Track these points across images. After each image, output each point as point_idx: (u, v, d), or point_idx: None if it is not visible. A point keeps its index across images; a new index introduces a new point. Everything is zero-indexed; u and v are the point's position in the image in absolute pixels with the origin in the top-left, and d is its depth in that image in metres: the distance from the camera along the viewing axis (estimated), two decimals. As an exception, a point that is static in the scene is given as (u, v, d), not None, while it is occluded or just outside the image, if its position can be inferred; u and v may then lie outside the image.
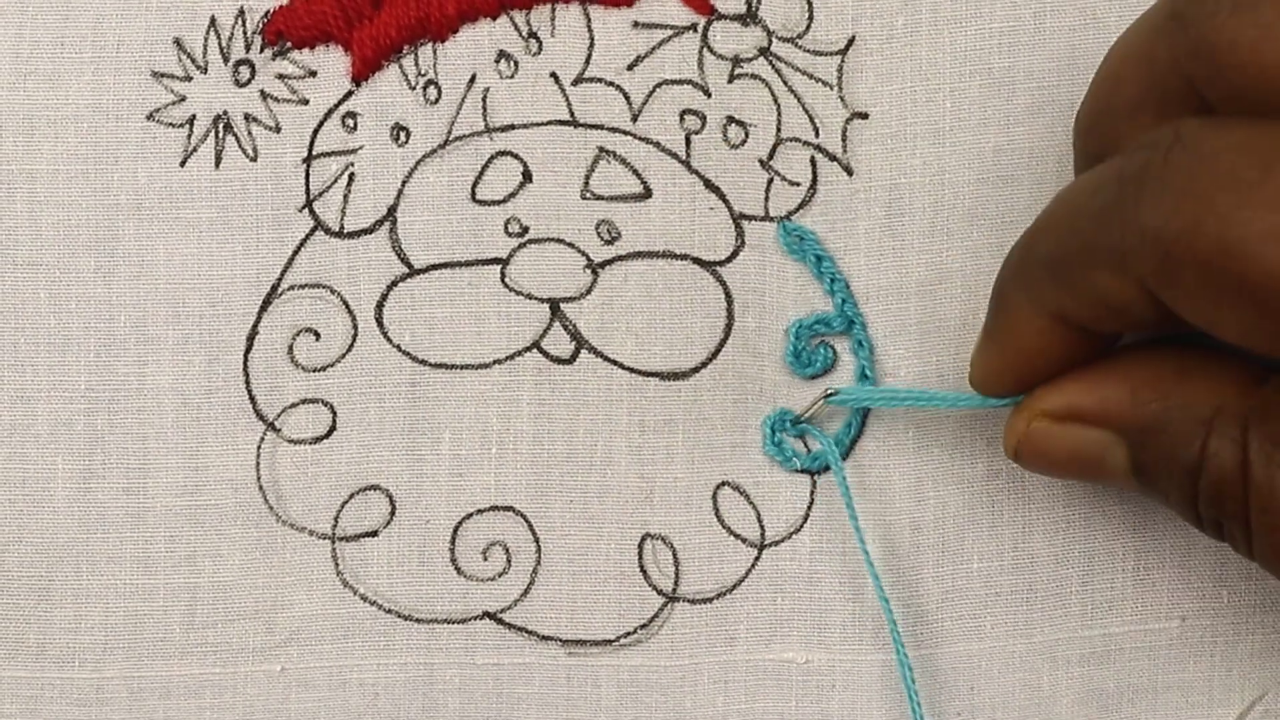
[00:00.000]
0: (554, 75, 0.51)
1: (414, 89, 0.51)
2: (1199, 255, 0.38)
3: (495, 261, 0.51)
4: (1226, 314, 0.38)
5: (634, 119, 0.51)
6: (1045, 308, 0.43)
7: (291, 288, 0.51)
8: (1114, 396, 0.43)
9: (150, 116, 0.51)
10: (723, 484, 0.51)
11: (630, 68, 0.51)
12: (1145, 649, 0.52)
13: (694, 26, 0.51)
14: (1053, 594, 0.51)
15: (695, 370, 0.51)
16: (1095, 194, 0.41)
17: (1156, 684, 0.52)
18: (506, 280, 0.51)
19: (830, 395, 0.50)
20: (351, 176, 0.51)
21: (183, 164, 0.51)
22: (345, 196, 0.51)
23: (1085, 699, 0.51)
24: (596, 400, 0.51)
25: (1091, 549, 0.51)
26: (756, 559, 0.51)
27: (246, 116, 0.51)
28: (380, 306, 0.51)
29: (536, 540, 0.51)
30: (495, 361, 0.51)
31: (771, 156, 0.51)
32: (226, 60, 0.51)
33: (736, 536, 0.51)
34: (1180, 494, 0.42)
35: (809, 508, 0.51)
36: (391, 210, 0.51)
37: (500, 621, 0.51)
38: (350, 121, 0.51)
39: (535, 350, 0.51)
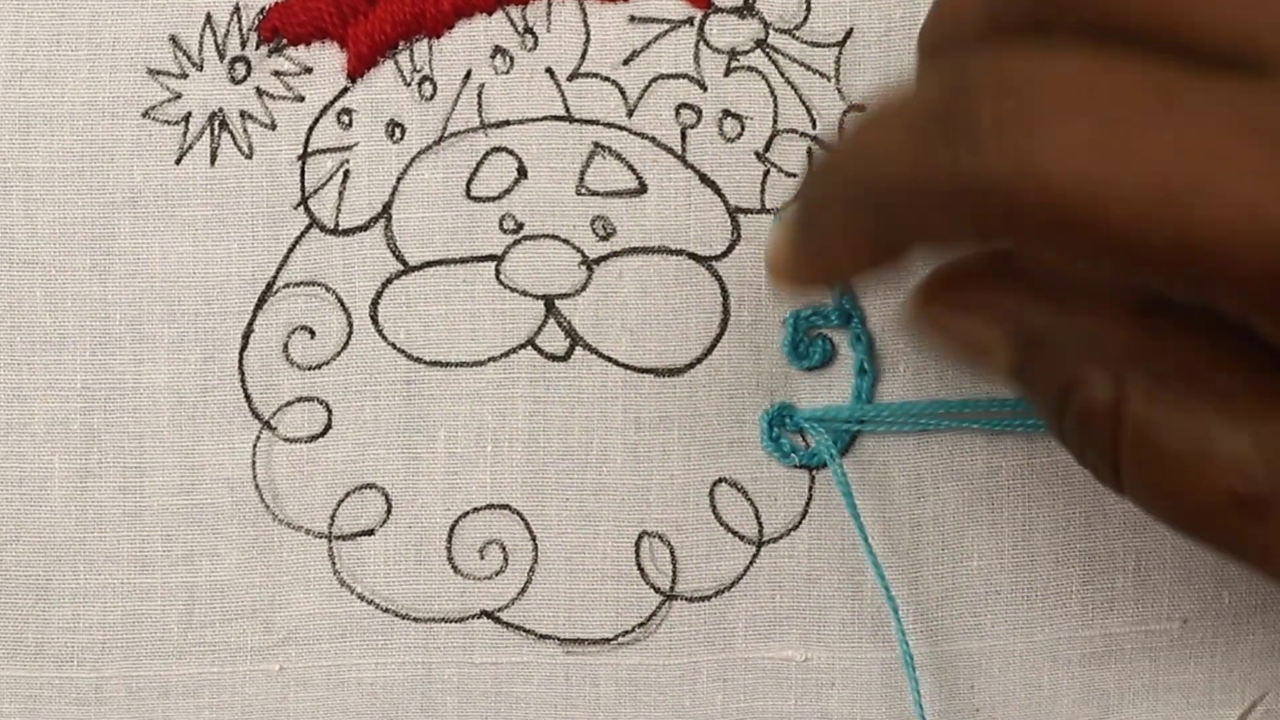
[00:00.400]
0: (549, 70, 0.51)
1: (409, 85, 0.51)
2: (1029, 197, 0.34)
3: (490, 258, 0.51)
4: (1079, 250, 0.36)
5: (629, 114, 0.51)
6: (863, 236, 0.39)
7: (287, 285, 0.51)
8: (1009, 301, 0.41)
9: (146, 114, 0.51)
10: (720, 480, 0.51)
11: (626, 62, 0.51)
12: (1146, 649, 0.51)
13: (690, 20, 0.51)
14: (1053, 593, 0.51)
15: (691, 366, 0.51)
16: (909, 131, 0.36)
17: (1157, 684, 0.51)
18: (501, 277, 0.51)
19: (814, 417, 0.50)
20: (346, 173, 0.51)
21: (178, 161, 0.51)
22: (340, 193, 0.51)
23: (1086, 699, 0.51)
24: (592, 397, 0.51)
25: (1092, 548, 0.51)
26: (755, 556, 0.51)
27: (242, 114, 0.51)
28: (375, 304, 0.51)
29: (533, 538, 0.51)
30: (490, 359, 0.51)
31: (768, 148, 0.51)
32: (222, 57, 0.51)
33: (734, 534, 0.51)
34: (1049, 410, 0.41)
35: (807, 504, 0.51)
36: (386, 207, 0.51)
37: (498, 620, 0.51)
38: (345, 118, 0.51)
39: (530, 347, 0.51)
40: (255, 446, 0.51)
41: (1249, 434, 0.36)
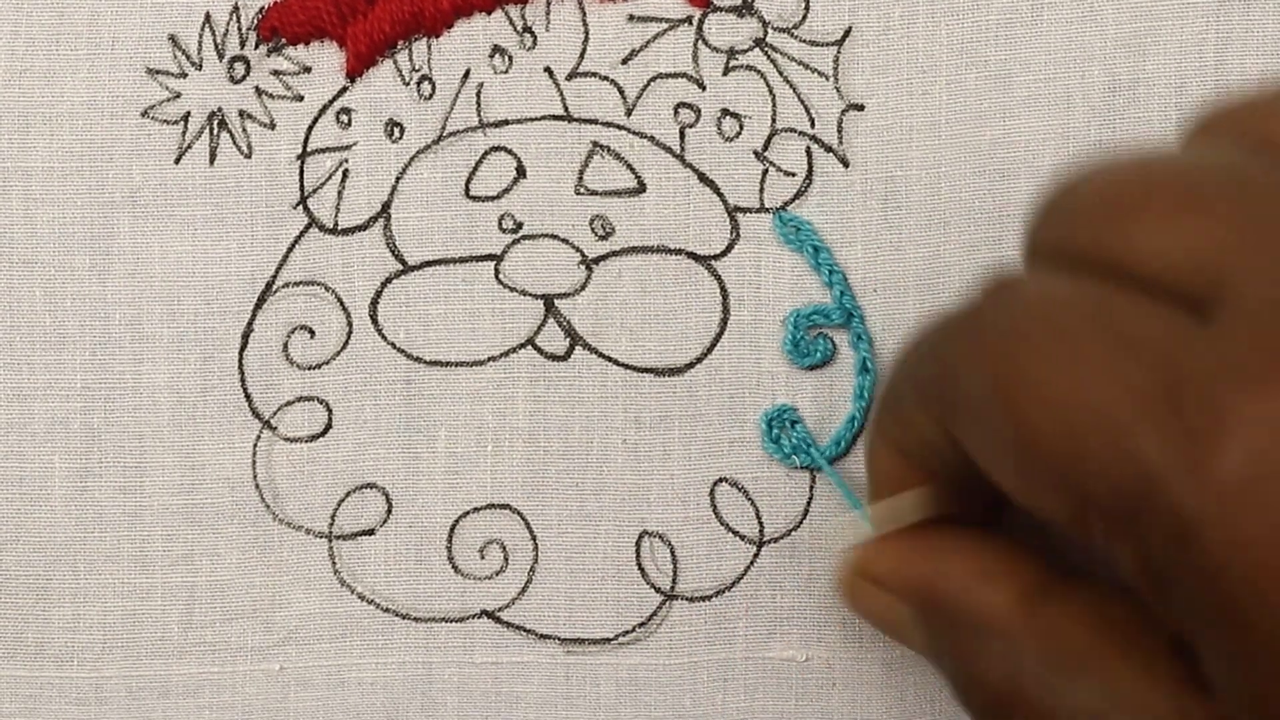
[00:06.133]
0: (548, 70, 0.51)
1: (408, 84, 0.51)
2: (971, 392, 0.37)
3: (489, 258, 0.51)
4: (996, 455, 0.37)
5: (628, 113, 0.51)
6: (887, 438, 0.43)
7: (286, 285, 0.51)
8: (916, 573, 0.42)
9: (145, 113, 0.51)
10: (720, 480, 0.51)
11: (625, 62, 0.51)
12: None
13: (689, 19, 0.51)
14: (1054, 592, 0.51)
15: (691, 365, 0.51)
16: (937, 332, 0.39)
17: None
18: (500, 277, 0.51)
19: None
20: (345, 173, 0.51)
21: (177, 161, 0.51)
22: (339, 193, 0.51)
23: (1086, 698, 0.51)
24: (592, 397, 0.51)
25: (1093, 546, 0.51)
26: (755, 556, 0.51)
27: (241, 113, 0.51)
28: (375, 303, 0.51)
29: (534, 538, 0.51)
30: (490, 359, 0.51)
31: (766, 147, 0.51)
32: (221, 57, 0.51)
33: (735, 533, 0.51)
34: (955, 686, 0.42)
35: (808, 504, 0.51)
36: (385, 207, 0.51)
37: (498, 620, 0.51)
38: (344, 118, 0.51)
39: (530, 347, 0.51)
40: (255, 446, 0.51)
41: (1131, 708, 0.37)
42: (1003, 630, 0.40)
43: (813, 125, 0.51)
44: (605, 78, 0.51)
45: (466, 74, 0.51)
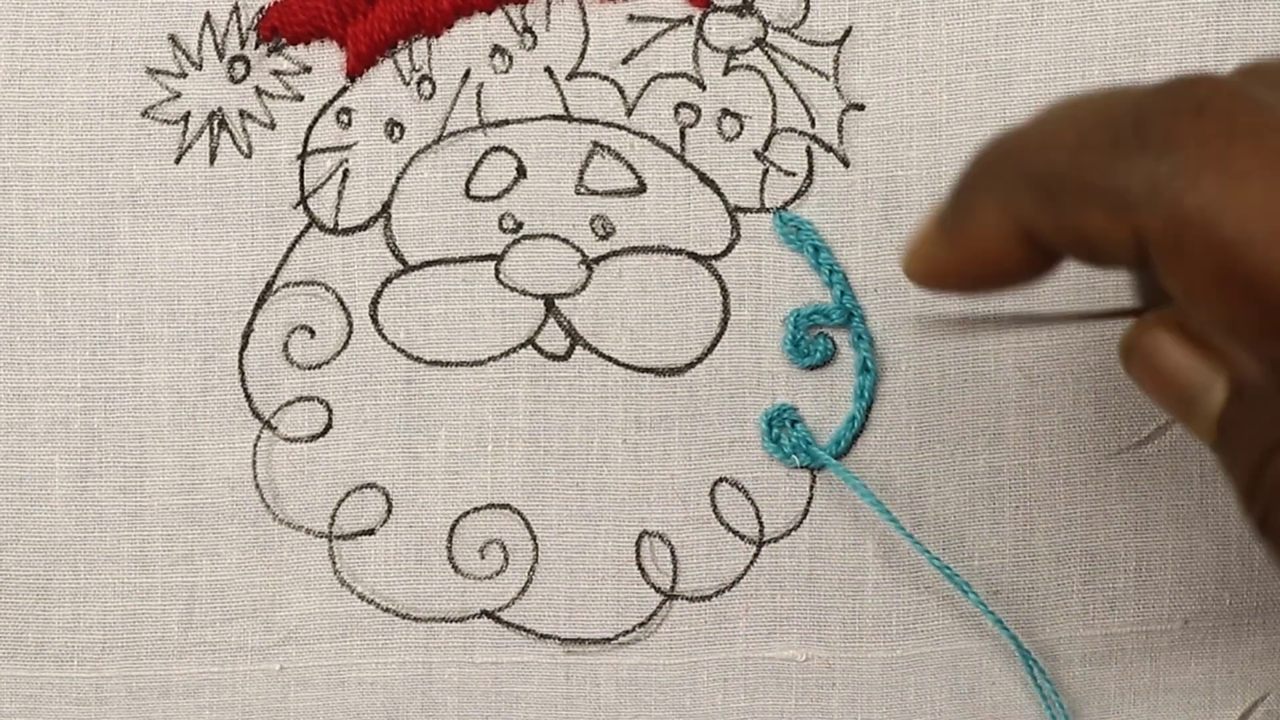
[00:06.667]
0: (548, 70, 0.51)
1: (408, 84, 0.51)
2: (1213, 236, 0.35)
3: (490, 258, 0.51)
4: (1217, 301, 0.37)
5: (628, 113, 0.51)
6: (1020, 222, 0.38)
7: (286, 285, 0.51)
8: (1231, 347, 0.39)
9: (145, 113, 0.51)
10: (721, 480, 0.51)
11: (625, 62, 0.51)
12: (1147, 650, 0.51)
13: (689, 19, 0.51)
14: (1054, 593, 0.51)
15: (691, 365, 0.51)
16: (1106, 125, 0.37)
17: (1158, 685, 0.51)
18: (501, 276, 0.51)
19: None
20: (346, 173, 0.51)
21: (178, 161, 0.51)
22: (339, 193, 0.51)
23: (1086, 699, 0.51)
24: (592, 397, 0.51)
25: (1093, 548, 0.51)
26: (755, 556, 0.51)
27: (241, 113, 0.51)
28: (375, 303, 0.51)
29: (534, 538, 0.51)
30: (490, 358, 0.51)
31: (767, 147, 0.51)
32: (221, 57, 0.51)
33: (735, 533, 0.51)
34: (1247, 469, 0.40)
35: (808, 504, 0.51)
36: (386, 206, 0.51)
37: (498, 620, 0.51)
38: (345, 117, 0.51)
39: (530, 347, 0.51)
40: (255, 446, 0.51)
41: None
42: None
43: (813, 125, 0.51)
44: (605, 78, 0.51)
45: (467, 74, 0.51)
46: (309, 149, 0.51)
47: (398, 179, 0.51)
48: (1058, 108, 0.39)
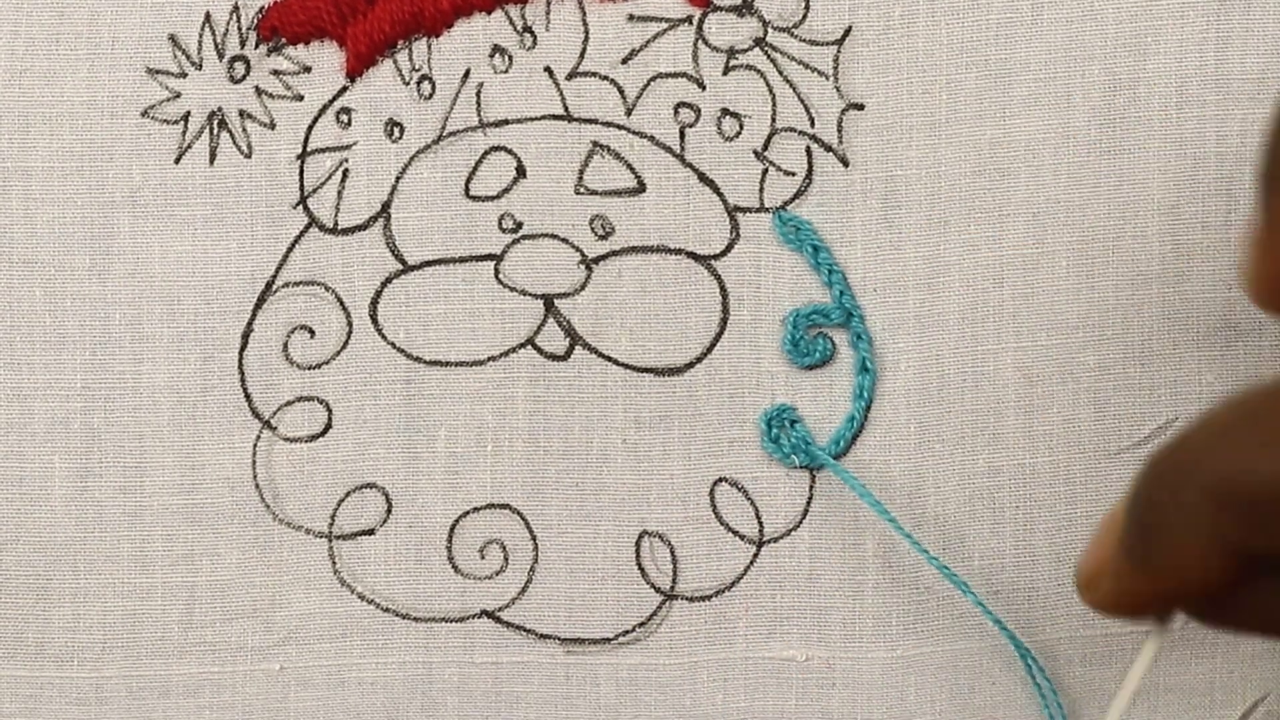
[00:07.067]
0: (548, 69, 0.51)
1: (408, 84, 0.51)
2: None
3: (489, 258, 0.51)
4: None
5: (628, 113, 0.51)
6: (1228, 543, 0.35)
7: (286, 285, 0.51)
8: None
9: (145, 113, 0.51)
10: (720, 480, 0.51)
11: (625, 61, 0.51)
12: (1147, 649, 0.51)
13: (689, 19, 0.51)
14: (1054, 593, 0.51)
15: (690, 365, 0.51)
16: None
17: (1158, 685, 0.51)
18: (500, 276, 0.51)
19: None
20: (345, 173, 0.51)
21: (177, 161, 0.51)
22: (339, 193, 0.51)
23: (1086, 699, 0.51)
24: (591, 397, 0.51)
25: (1093, 547, 0.51)
26: (755, 556, 0.51)
27: (241, 113, 0.51)
28: (374, 303, 0.51)
29: (534, 538, 0.51)
30: (490, 358, 0.51)
31: (766, 147, 0.51)
32: (221, 56, 0.51)
33: (735, 533, 0.51)
34: None
35: (808, 503, 0.51)
36: (385, 206, 0.51)
37: (498, 620, 0.51)
38: (344, 117, 0.51)
39: (530, 347, 0.51)
40: (255, 446, 0.51)
41: None
42: None
43: (812, 125, 0.51)
44: (605, 77, 0.51)
45: (466, 74, 0.51)
46: (309, 149, 0.51)
47: (397, 179, 0.51)
48: (1234, 402, 0.35)
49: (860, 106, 0.51)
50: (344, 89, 0.51)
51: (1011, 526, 0.51)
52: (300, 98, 0.51)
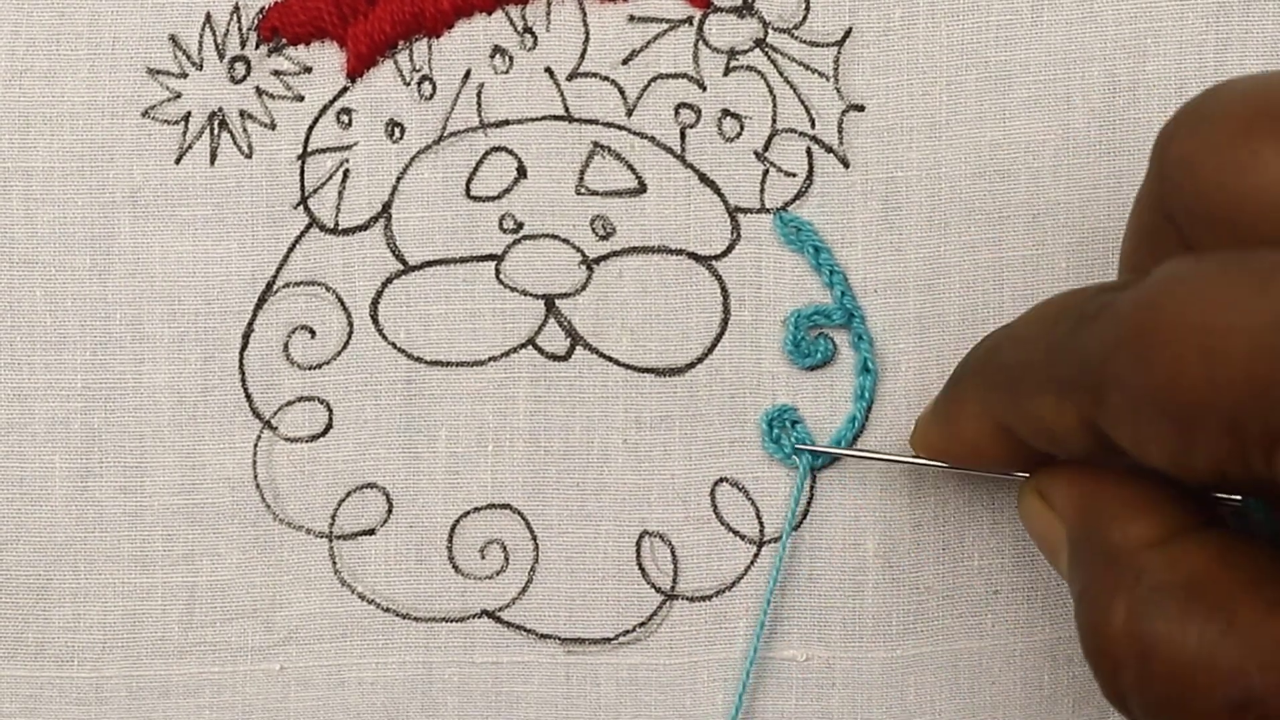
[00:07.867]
0: (549, 70, 0.51)
1: (408, 85, 0.51)
2: (1130, 383, 0.37)
3: (490, 258, 0.51)
4: (1150, 440, 0.37)
5: (629, 114, 0.51)
6: (993, 414, 0.43)
7: (287, 285, 0.51)
8: (1076, 493, 0.42)
9: (146, 113, 0.51)
10: (721, 480, 0.51)
11: (625, 62, 0.51)
12: (1146, 648, 0.51)
13: (689, 20, 0.51)
14: (1054, 592, 0.51)
15: (691, 366, 0.51)
16: (1059, 320, 0.40)
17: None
18: (501, 277, 0.51)
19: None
20: (346, 173, 0.51)
21: (178, 161, 0.51)
22: (340, 193, 0.51)
23: (1086, 699, 0.51)
24: (592, 397, 0.51)
25: (1093, 546, 0.51)
26: (755, 556, 0.51)
27: (242, 113, 0.51)
28: (375, 304, 0.51)
29: (534, 538, 0.51)
30: (490, 359, 0.51)
31: (767, 148, 0.51)
32: (222, 57, 0.51)
33: (735, 533, 0.51)
34: (1081, 623, 0.41)
35: (808, 504, 0.51)
36: (386, 207, 0.51)
37: (499, 620, 0.51)
38: (345, 118, 0.51)
39: (530, 347, 0.51)
40: (256, 446, 0.51)
41: (1245, 640, 0.37)
42: (1134, 562, 0.39)
43: (813, 126, 0.51)
44: (606, 78, 0.51)
45: (467, 74, 0.51)
46: (309, 149, 0.51)
47: (398, 179, 0.51)
48: (1036, 306, 0.43)
49: (861, 108, 0.51)
50: (345, 89, 0.51)
51: (1011, 526, 0.51)
52: (301, 98, 0.51)
